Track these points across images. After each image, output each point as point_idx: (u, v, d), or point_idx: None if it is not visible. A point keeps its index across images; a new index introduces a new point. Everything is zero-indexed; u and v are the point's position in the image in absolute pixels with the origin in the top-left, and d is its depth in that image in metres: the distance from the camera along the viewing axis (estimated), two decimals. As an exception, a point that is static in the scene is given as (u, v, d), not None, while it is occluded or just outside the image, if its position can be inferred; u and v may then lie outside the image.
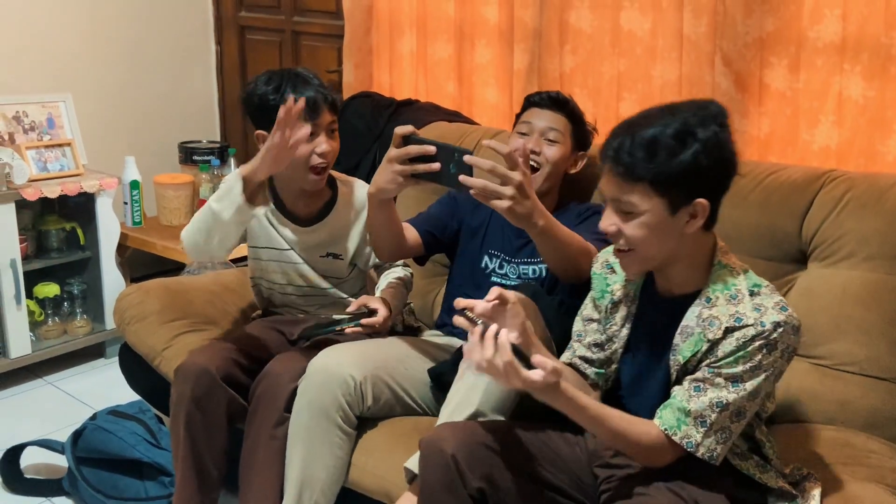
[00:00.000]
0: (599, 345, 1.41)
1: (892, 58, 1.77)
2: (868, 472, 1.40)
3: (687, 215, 1.21)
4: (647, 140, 1.18)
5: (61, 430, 2.31)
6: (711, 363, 1.23)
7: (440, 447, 1.30)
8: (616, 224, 1.24)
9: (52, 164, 2.68)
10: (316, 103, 1.69)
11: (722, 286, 1.25)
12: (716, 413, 1.21)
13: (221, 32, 3.42)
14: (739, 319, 1.21)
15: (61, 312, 2.78)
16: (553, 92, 1.82)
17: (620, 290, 1.38)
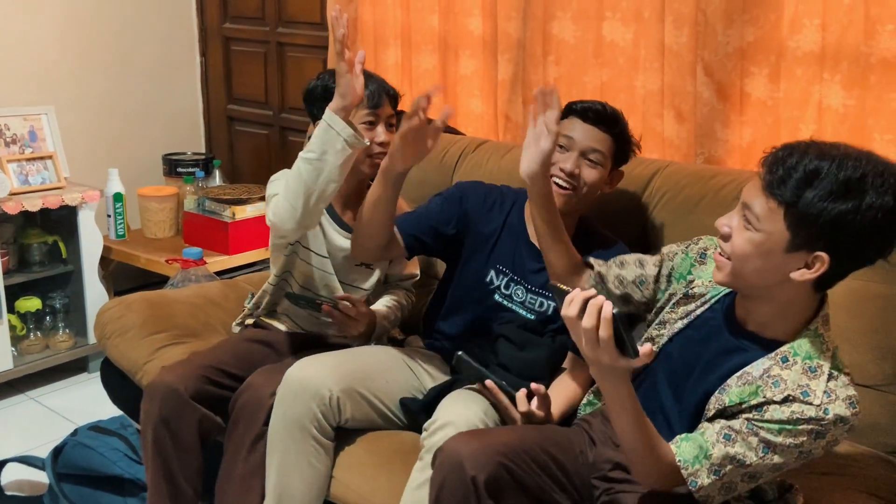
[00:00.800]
0: (623, 283, 1.40)
1: (871, 66, 1.78)
2: (852, 481, 1.40)
3: (802, 262, 1.11)
4: (813, 168, 1.08)
5: (43, 446, 2.28)
6: (755, 419, 1.16)
7: (461, 464, 1.25)
8: (731, 228, 1.16)
9: (34, 178, 2.65)
10: (378, 94, 1.76)
11: (805, 354, 1.16)
12: (732, 467, 1.16)
13: (206, 44, 3.41)
14: (806, 394, 1.13)
15: (43, 327, 2.75)
16: (599, 104, 1.62)
17: (701, 287, 1.31)
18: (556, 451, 1.34)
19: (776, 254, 1.12)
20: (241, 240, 2.79)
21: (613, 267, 1.46)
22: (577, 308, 1.08)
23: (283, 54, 3.17)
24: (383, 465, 1.56)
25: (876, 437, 1.52)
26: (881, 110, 1.79)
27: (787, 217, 1.10)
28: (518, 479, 1.27)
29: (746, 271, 1.16)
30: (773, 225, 1.11)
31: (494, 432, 1.38)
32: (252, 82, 3.30)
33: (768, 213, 1.11)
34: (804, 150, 1.11)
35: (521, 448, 1.31)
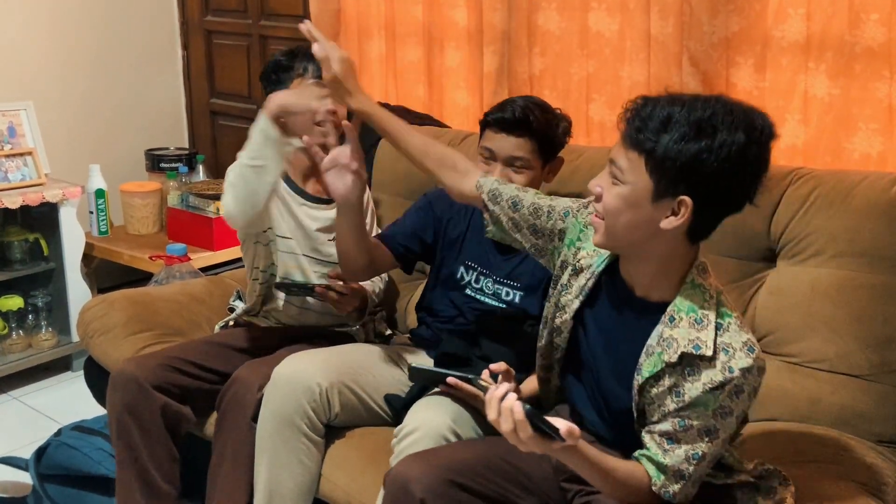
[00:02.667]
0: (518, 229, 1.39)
1: (856, 56, 1.78)
2: (841, 469, 1.41)
3: (668, 209, 1.13)
4: (666, 114, 1.11)
5: (27, 446, 2.25)
6: (679, 410, 1.17)
7: (407, 489, 1.24)
8: (601, 187, 1.18)
9: (14, 174, 2.61)
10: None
11: (688, 307, 1.18)
12: (693, 465, 1.18)
13: (188, 37, 3.37)
14: (698, 347, 1.15)
15: (26, 325, 2.71)
16: (508, 110, 1.60)
17: (586, 259, 1.31)
18: (516, 458, 1.33)
19: (643, 204, 1.13)
20: (226, 235, 2.76)
21: (506, 209, 1.40)
22: (495, 413, 1.11)
23: (265, 47, 3.14)
24: (370, 462, 1.56)
25: (863, 427, 1.53)
26: (866, 99, 1.79)
27: (647, 165, 1.12)
28: (474, 492, 1.27)
29: (619, 227, 1.17)
30: (637, 175, 1.13)
31: (444, 451, 1.36)
32: (235, 76, 3.27)
33: (631, 165, 1.13)
34: (657, 100, 1.13)
35: (474, 461, 1.31)
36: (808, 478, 1.36)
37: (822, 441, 1.50)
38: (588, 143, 2.21)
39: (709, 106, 1.11)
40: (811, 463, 1.42)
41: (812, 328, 1.59)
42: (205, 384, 1.74)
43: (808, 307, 1.59)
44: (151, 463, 1.69)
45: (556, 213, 1.37)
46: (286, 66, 1.83)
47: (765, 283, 1.67)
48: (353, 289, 1.76)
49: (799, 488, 1.31)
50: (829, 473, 1.39)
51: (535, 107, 1.63)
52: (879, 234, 1.56)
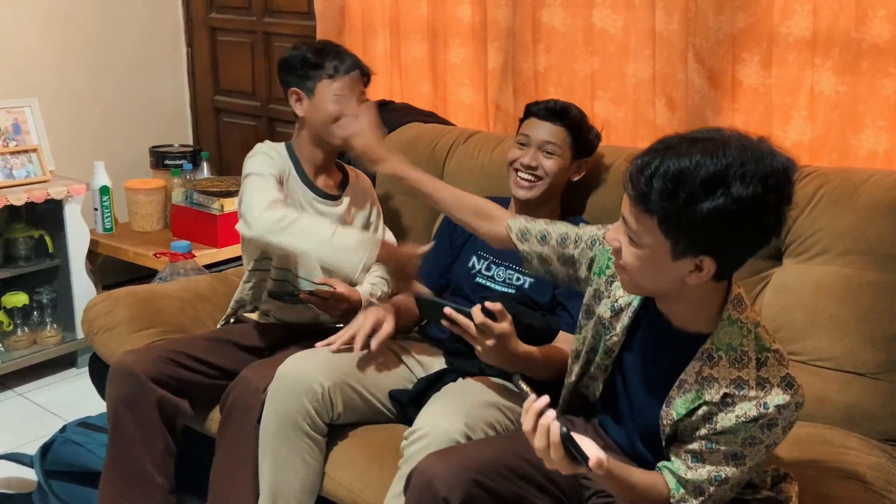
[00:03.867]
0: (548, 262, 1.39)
1: (862, 52, 1.77)
2: (846, 468, 1.40)
3: (692, 265, 1.08)
4: (673, 173, 1.03)
5: (32, 443, 2.26)
6: (710, 435, 1.16)
7: (433, 487, 1.24)
8: (619, 241, 1.14)
9: (18, 171, 2.62)
10: (351, 70, 1.83)
11: (727, 345, 1.15)
12: (714, 486, 1.17)
13: (192, 34, 3.37)
14: (741, 387, 1.13)
15: (31, 322, 2.72)
16: (551, 102, 1.78)
17: (624, 297, 1.28)
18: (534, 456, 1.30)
19: (664, 263, 1.09)
20: (230, 232, 2.76)
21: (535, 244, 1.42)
22: (531, 424, 1.09)
23: (270, 44, 3.13)
24: (373, 459, 1.56)
25: (869, 426, 1.52)
26: (873, 96, 1.78)
27: (661, 228, 1.06)
28: (494, 492, 1.27)
29: (644, 282, 1.15)
30: (652, 237, 1.08)
31: (466, 449, 1.36)
32: (239, 73, 3.27)
33: (644, 228, 1.08)
34: (661, 155, 1.06)
35: (495, 460, 1.31)
36: (813, 477, 1.36)
37: (827, 440, 1.49)
38: (593, 141, 2.20)
39: (718, 156, 1.03)
40: (817, 462, 1.42)
41: (818, 326, 1.58)
42: (204, 378, 1.74)
43: (814, 305, 1.58)
44: (147, 455, 1.69)
45: (584, 241, 1.37)
46: (315, 64, 1.82)
47: (770, 281, 1.66)
48: (337, 294, 1.75)
49: (805, 487, 1.30)
50: (834, 472, 1.38)
51: (572, 106, 1.80)
52: (886, 231, 1.55)
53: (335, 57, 1.83)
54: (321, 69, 1.82)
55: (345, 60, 1.84)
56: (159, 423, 1.70)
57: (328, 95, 1.81)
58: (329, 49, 1.86)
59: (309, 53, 1.84)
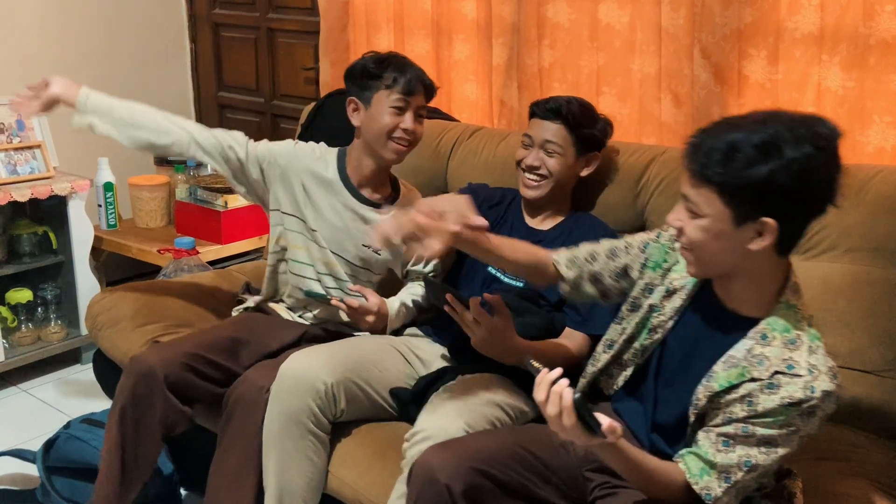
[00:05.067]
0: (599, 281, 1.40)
1: (870, 48, 1.76)
2: (853, 466, 1.40)
3: (753, 231, 1.13)
4: (728, 143, 1.11)
5: (36, 439, 2.26)
6: (748, 418, 1.16)
7: (433, 476, 1.25)
8: (681, 221, 1.19)
9: (22, 167, 2.62)
10: (413, 82, 1.79)
11: (783, 327, 1.18)
12: (742, 472, 1.17)
13: (196, 30, 3.36)
14: (791, 367, 1.14)
15: (35, 318, 2.72)
16: (551, 100, 1.76)
17: (679, 280, 1.31)
18: (536, 447, 1.34)
19: (727, 232, 1.14)
20: (234, 229, 2.76)
21: (585, 265, 1.43)
22: (544, 394, 1.12)
23: (273, 40, 3.13)
24: (376, 457, 1.55)
25: (876, 423, 1.51)
26: (880, 92, 1.77)
27: (721, 197, 1.12)
28: (498, 481, 1.28)
29: (708, 256, 1.18)
30: (713, 207, 1.13)
31: (467, 440, 1.37)
32: (243, 69, 3.26)
33: (704, 199, 1.14)
34: (715, 130, 1.14)
35: (496, 450, 1.32)
36: (820, 475, 1.35)
37: (834, 438, 1.48)
38: (598, 137, 2.19)
39: (769, 125, 1.11)
40: (823, 460, 1.41)
41: (825, 324, 1.56)
42: (216, 388, 1.72)
43: (821, 303, 1.57)
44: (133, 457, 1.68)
45: (636, 247, 1.40)
46: (374, 74, 1.78)
47: (777, 278, 1.65)
48: (365, 308, 1.74)
49: (811, 485, 1.30)
50: (841, 470, 1.38)
51: (575, 102, 1.76)
52: (893, 228, 1.54)
53: (396, 69, 1.78)
54: (380, 79, 1.77)
55: (406, 73, 1.78)
56: (156, 430, 1.68)
57: (384, 107, 1.77)
58: (392, 60, 1.80)
59: (371, 63, 1.80)
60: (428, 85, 1.82)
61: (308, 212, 1.85)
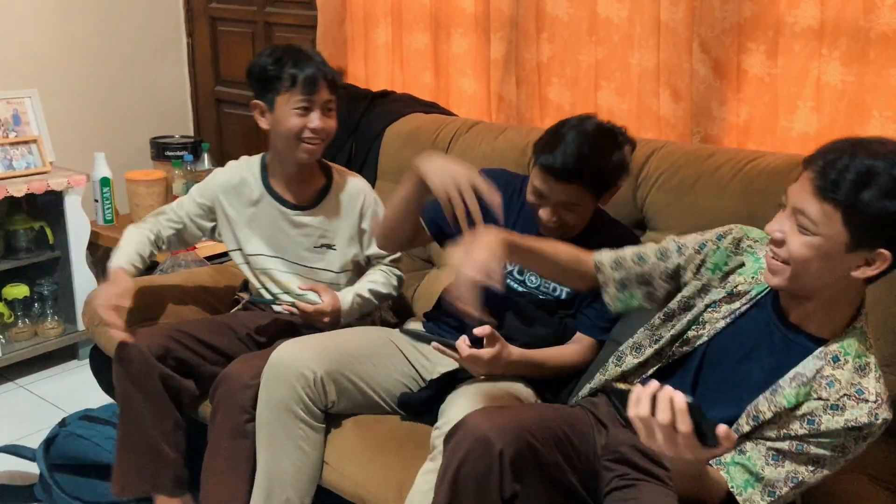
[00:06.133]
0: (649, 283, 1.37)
1: (870, 42, 1.75)
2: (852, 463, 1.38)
3: (862, 259, 1.11)
4: (867, 167, 1.07)
5: (34, 435, 2.26)
6: (806, 436, 1.15)
7: (488, 438, 1.21)
8: (784, 233, 1.14)
9: (18, 162, 2.60)
10: (314, 79, 1.72)
11: (855, 353, 1.17)
12: (788, 488, 1.17)
13: (192, 24, 3.35)
14: (860, 392, 1.14)
15: (32, 314, 2.71)
16: (562, 162, 1.48)
17: (745, 285, 1.28)
18: (569, 430, 1.33)
19: (836, 255, 1.11)
20: (232, 224, 2.75)
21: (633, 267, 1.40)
22: (647, 405, 1.05)
23: (271, 34, 3.11)
24: (377, 451, 1.55)
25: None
26: (880, 86, 1.76)
27: (844, 219, 1.09)
28: (539, 456, 1.25)
29: (808, 274, 1.14)
30: (831, 228, 1.10)
31: (515, 409, 1.35)
32: (240, 63, 3.24)
33: (824, 217, 1.10)
34: (852, 150, 1.10)
35: (541, 423, 1.29)
36: (819, 470, 1.34)
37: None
38: (596, 131, 2.18)
39: None
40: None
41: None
42: (206, 364, 1.74)
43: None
44: (157, 431, 1.69)
45: (690, 248, 1.36)
46: (273, 76, 1.72)
47: (776, 273, 1.65)
48: (318, 309, 1.73)
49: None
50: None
51: (590, 153, 1.49)
52: (893, 223, 1.53)
53: (294, 66, 1.70)
54: (279, 81, 1.71)
55: (304, 69, 1.70)
56: (167, 399, 1.70)
57: (288, 109, 1.71)
58: (289, 58, 1.72)
59: (268, 64, 1.72)
60: (331, 78, 1.75)
61: (241, 236, 1.86)
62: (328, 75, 1.74)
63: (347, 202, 1.88)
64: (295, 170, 1.83)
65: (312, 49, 1.80)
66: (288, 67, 1.71)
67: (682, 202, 1.76)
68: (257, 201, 1.87)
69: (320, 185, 1.87)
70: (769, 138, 1.94)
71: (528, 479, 1.23)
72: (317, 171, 1.88)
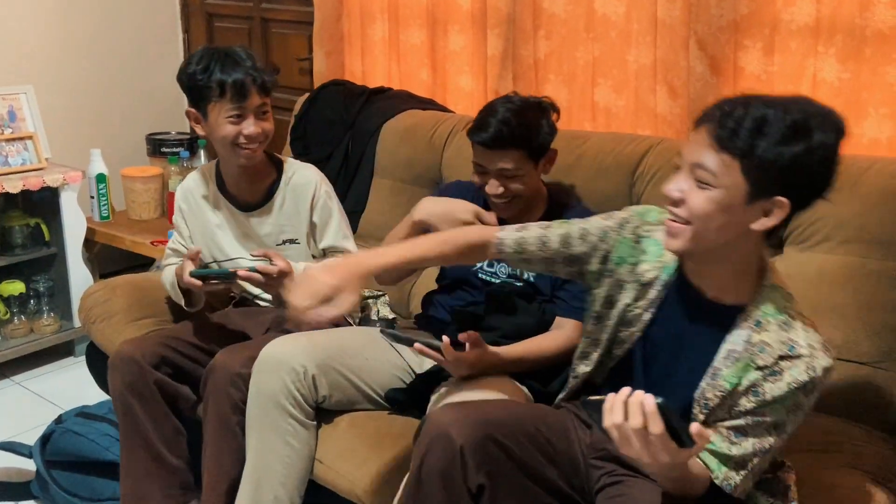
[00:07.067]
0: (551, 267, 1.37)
1: (866, 39, 1.76)
2: (847, 458, 1.40)
3: (761, 211, 1.12)
4: (761, 116, 1.09)
5: (30, 432, 2.26)
6: (756, 409, 1.16)
7: (448, 434, 1.22)
8: (683, 192, 1.14)
9: (14, 159, 2.60)
10: (243, 86, 1.69)
11: (773, 310, 1.17)
12: (758, 458, 1.18)
13: (188, 20, 3.34)
14: (792, 348, 1.14)
15: (27, 310, 2.71)
16: (488, 129, 1.59)
17: (652, 271, 1.28)
18: (544, 427, 1.33)
19: (737, 207, 1.12)
20: (228, 220, 2.74)
21: (535, 252, 1.38)
22: (621, 412, 1.05)
23: (267, 30, 3.11)
24: (372, 448, 1.55)
25: (871, 415, 1.52)
26: (876, 83, 1.77)
27: (743, 168, 1.10)
28: (506, 450, 1.26)
29: (709, 231, 1.14)
30: (731, 178, 1.11)
31: (484, 405, 1.36)
32: (236, 59, 3.24)
33: (724, 168, 1.11)
34: (746, 101, 1.12)
35: (510, 420, 1.30)
36: (814, 466, 1.35)
37: (828, 429, 1.49)
38: (593, 128, 2.18)
39: (800, 107, 1.11)
40: (817, 452, 1.42)
41: (819, 315, 1.55)
42: (201, 368, 1.73)
43: (816, 294, 1.57)
44: (158, 439, 1.70)
45: (593, 235, 1.34)
46: (202, 84, 1.69)
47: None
48: (281, 269, 1.67)
49: (804, 476, 1.30)
50: (835, 462, 1.38)
51: (512, 116, 1.59)
52: (888, 220, 1.54)
53: (221, 71, 1.67)
54: (209, 90, 1.68)
55: (231, 75, 1.66)
56: (164, 407, 1.71)
57: (221, 118, 1.69)
58: (216, 63, 1.68)
59: (197, 72, 1.69)
60: (261, 82, 1.71)
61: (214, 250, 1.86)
62: (257, 80, 1.70)
63: (299, 195, 1.84)
64: (240, 174, 1.83)
65: (246, 50, 1.75)
66: (216, 75, 1.68)
67: (679, 199, 1.76)
68: (216, 206, 1.87)
69: (269, 182, 1.85)
70: (765, 135, 1.94)
71: (497, 472, 1.24)
72: (266, 168, 1.85)
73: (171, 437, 1.72)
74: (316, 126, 2.51)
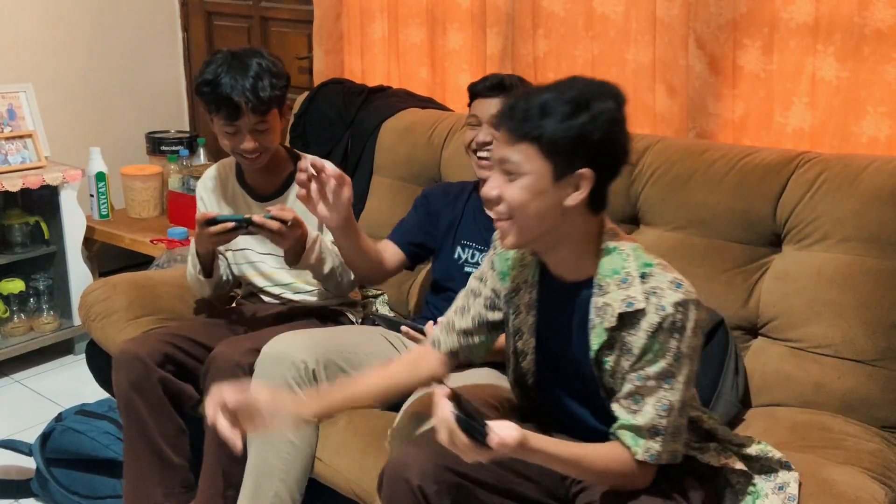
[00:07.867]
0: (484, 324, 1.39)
1: (865, 38, 1.76)
2: (845, 455, 1.40)
3: (570, 186, 1.19)
4: (542, 102, 1.18)
5: (30, 430, 2.26)
6: (634, 365, 1.19)
7: (405, 477, 1.24)
8: (498, 188, 1.21)
9: (13, 157, 2.60)
10: (236, 107, 1.70)
11: (611, 271, 1.22)
12: (665, 418, 1.18)
13: (188, 18, 3.34)
14: (631, 304, 1.18)
15: (27, 309, 2.71)
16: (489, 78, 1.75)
17: (518, 277, 1.33)
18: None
19: (547, 189, 1.19)
20: (228, 219, 2.75)
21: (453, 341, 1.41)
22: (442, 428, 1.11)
23: (266, 29, 3.11)
24: (371, 446, 1.55)
25: (868, 412, 1.52)
26: (875, 82, 1.77)
27: (541, 150, 1.18)
28: (472, 479, 1.26)
29: (529, 219, 1.20)
30: (533, 164, 1.18)
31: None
32: (236, 58, 3.24)
33: (525, 157, 1.19)
34: (526, 94, 1.22)
35: None
36: (812, 463, 1.36)
37: (826, 427, 1.49)
38: (592, 127, 2.19)
39: (574, 85, 1.21)
40: (816, 448, 1.42)
41: (818, 313, 1.58)
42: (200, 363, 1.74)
43: (814, 292, 1.58)
44: (161, 438, 1.71)
45: (486, 272, 1.40)
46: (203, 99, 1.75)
47: (770, 268, 1.66)
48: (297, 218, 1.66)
49: (803, 474, 1.30)
50: (833, 459, 1.39)
51: (511, 76, 1.79)
52: (887, 218, 1.54)
53: (220, 88, 1.67)
54: (206, 104, 1.74)
55: (224, 95, 1.67)
56: (168, 406, 1.71)
57: (221, 130, 1.75)
58: (214, 80, 1.69)
59: (201, 84, 1.72)
60: (255, 103, 1.68)
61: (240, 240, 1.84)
62: (252, 101, 1.68)
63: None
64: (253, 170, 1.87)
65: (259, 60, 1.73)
66: (216, 89, 1.69)
67: (677, 197, 1.77)
68: (234, 197, 1.90)
69: (286, 174, 1.88)
70: (764, 134, 1.95)
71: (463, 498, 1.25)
72: (282, 161, 1.89)
73: (173, 435, 1.73)
74: (315, 124, 2.51)
